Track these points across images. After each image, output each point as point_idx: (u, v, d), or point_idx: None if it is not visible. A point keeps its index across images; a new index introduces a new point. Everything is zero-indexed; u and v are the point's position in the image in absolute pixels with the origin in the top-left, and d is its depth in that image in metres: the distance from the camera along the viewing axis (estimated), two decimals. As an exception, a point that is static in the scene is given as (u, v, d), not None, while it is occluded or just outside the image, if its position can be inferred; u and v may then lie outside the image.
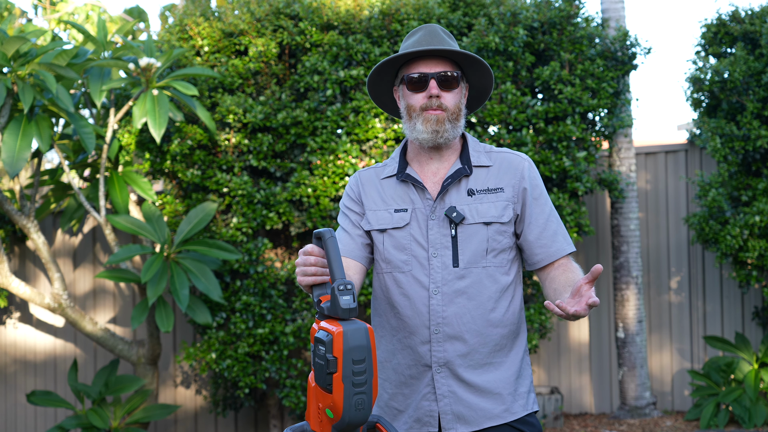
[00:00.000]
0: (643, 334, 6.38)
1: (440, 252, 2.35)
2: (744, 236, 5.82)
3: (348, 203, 2.50)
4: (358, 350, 1.96)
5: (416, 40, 2.40)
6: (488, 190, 2.39)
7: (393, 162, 2.49)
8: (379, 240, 2.41)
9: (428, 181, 2.42)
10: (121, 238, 6.58)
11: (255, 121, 5.57)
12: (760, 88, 5.92)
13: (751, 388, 5.94)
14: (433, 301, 2.34)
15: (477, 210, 2.36)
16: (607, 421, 6.37)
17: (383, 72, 2.46)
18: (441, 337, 2.34)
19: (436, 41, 2.37)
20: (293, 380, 5.64)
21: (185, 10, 6.06)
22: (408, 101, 2.40)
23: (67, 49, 5.28)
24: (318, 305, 2.09)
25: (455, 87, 2.38)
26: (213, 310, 5.70)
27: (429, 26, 2.42)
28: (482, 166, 2.42)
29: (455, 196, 2.38)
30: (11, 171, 5.14)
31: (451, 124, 2.37)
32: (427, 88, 2.36)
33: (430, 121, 2.35)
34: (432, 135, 2.36)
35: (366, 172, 2.51)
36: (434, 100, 2.35)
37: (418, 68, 2.38)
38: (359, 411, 1.96)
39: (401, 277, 2.38)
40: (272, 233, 5.94)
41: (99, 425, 5.66)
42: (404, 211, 2.40)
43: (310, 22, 5.68)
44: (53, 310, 5.70)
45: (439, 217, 2.36)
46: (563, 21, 5.82)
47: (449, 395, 2.35)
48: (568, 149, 5.70)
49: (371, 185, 2.47)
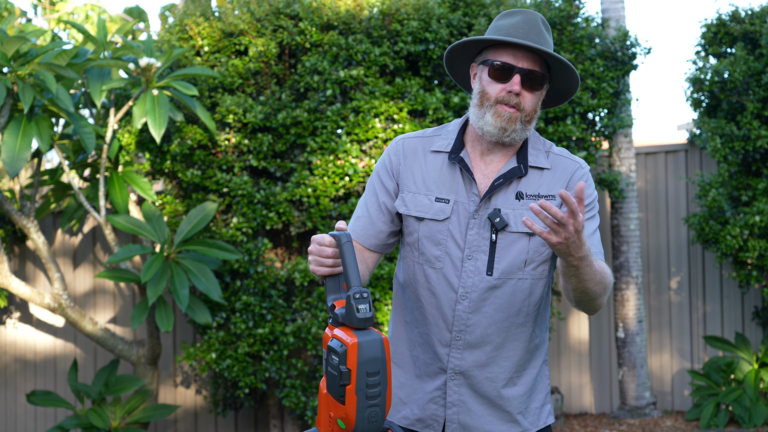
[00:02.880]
0: (643, 334, 6.38)
1: (476, 255, 2.17)
2: (744, 236, 5.82)
3: (382, 175, 2.28)
4: (373, 362, 1.88)
5: (513, 24, 2.17)
6: (539, 197, 2.18)
7: (448, 136, 2.26)
8: (414, 227, 2.23)
9: (479, 171, 2.21)
10: (121, 238, 6.58)
11: (255, 121, 5.57)
12: (760, 88, 5.92)
13: (751, 388, 5.94)
14: (459, 306, 2.19)
15: (522, 218, 2.13)
16: (607, 421, 6.37)
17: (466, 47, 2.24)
18: (461, 344, 2.20)
19: (533, 34, 2.16)
20: (293, 380, 5.64)
21: (185, 10, 6.05)
22: (485, 87, 2.17)
23: (67, 49, 5.28)
24: (332, 311, 2.00)
25: (538, 88, 2.17)
26: (213, 310, 5.70)
27: (530, 13, 2.20)
28: (538, 168, 2.21)
29: (503, 197, 2.18)
30: (11, 171, 5.14)
31: (523, 125, 2.16)
32: (509, 81, 2.14)
33: (502, 117, 2.14)
34: (499, 132, 2.15)
35: (412, 140, 2.28)
36: (513, 97, 2.14)
37: (505, 56, 2.15)
38: (372, 424, 1.90)
39: (431, 272, 2.21)
40: (272, 233, 5.94)
41: (99, 425, 5.66)
42: (446, 203, 2.20)
43: (310, 22, 5.67)
44: (53, 310, 5.69)
45: (482, 217, 2.17)
46: (563, 21, 5.82)
47: (459, 404, 2.23)
48: (568, 149, 5.70)
49: (415, 159, 2.25)
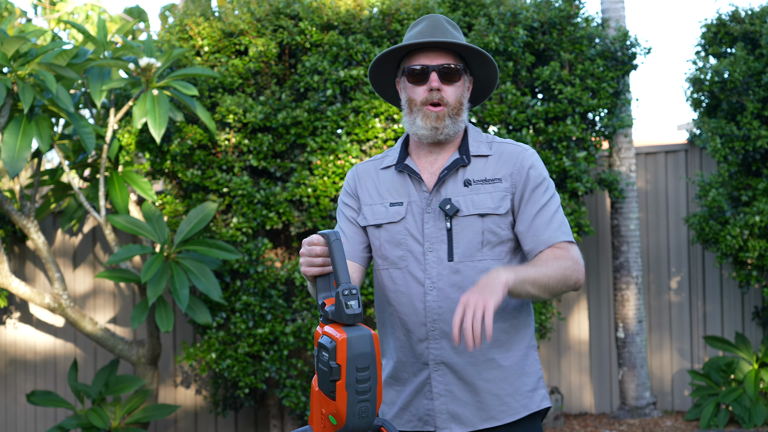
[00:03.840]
0: (643, 334, 6.38)
1: (436, 246, 2.28)
2: (744, 236, 5.82)
3: (345, 198, 2.44)
4: (363, 358, 1.91)
5: (419, 30, 2.32)
6: (485, 181, 2.30)
7: (394, 153, 2.42)
8: (376, 236, 2.35)
9: (425, 172, 2.35)
10: (121, 238, 6.58)
11: (255, 121, 5.57)
12: (760, 88, 5.92)
13: (751, 388, 5.94)
14: (428, 297, 2.28)
15: (472, 201, 2.28)
16: (607, 421, 6.37)
17: (385, 63, 2.40)
18: (438, 334, 2.28)
19: (439, 32, 2.30)
20: (293, 380, 5.64)
21: (185, 10, 6.05)
22: (409, 94, 2.33)
23: (67, 49, 5.28)
24: (322, 308, 2.05)
25: (457, 80, 2.31)
26: (213, 310, 5.70)
27: (433, 17, 2.35)
28: (481, 156, 2.34)
29: (452, 187, 2.30)
30: (11, 171, 5.14)
31: (452, 119, 2.31)
32: (428, 81, 2.29)
33: (430, 118, 2.29)
34: (431, 132, 2.30)
35: (364, 165, 2.45)
36: (435, 94, 2.29)
37: (419, 60, 2.31)
38: (363, 419, 1.92)
39: (397, 273, 2.32)
40: (272, 233, 5.94)
41: (99, 425, 5.66)
42: (399, 205, 2.33)
43: (310, 22, 5.67)
44: (53, 310, 5.69)
45: (435, 209, 2.29)
46: (563, 21, 5.82)
47: (446, 394, 2.28)
48: (568, 149, 5.70)
49: (368, 178, 2.41)
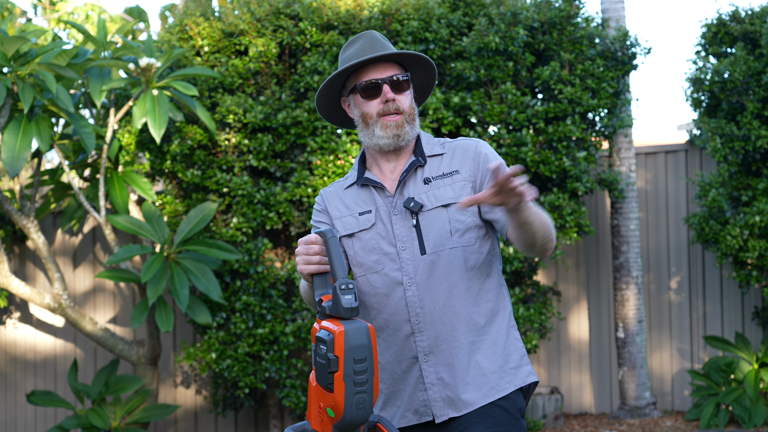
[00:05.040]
0: (643, 334, 6.38)
1: (408, 244, 2.37)
2: (744, 236, 5.82)
3: (317, 217, 2.53)
4: (360, 349, 1.98)
5: (359, 48, 2.41)
6: (444, 175, 2.41)
7: (353, 172, 2.52)
8: (349, 245, 2.44)
9: (387, 180, 2.45)
10: (121, 238, 6.58)
11: (255, 121, 5.57)
12: (760, 88, 5.92)
13: (751, 388, 5.94)
14: (408, 293, 2.36)
15: (434, 195, 2.39)
16: (607, 421, 6.37)
17: (330, 86, 2.47)
18: (422, 326, 2.36)
19: (379, 47, 2.40)
20: (293, 380, 5.64)
21: (185, 10, 6.05)
22: (363, 109, 2.42)
23: (67, 49, 5.28)
24: (319, 304, 2.11)
25: (407, 89, 2.42)
26: (213, 310, 5.70)
27: (367, 33, 2.44)
28: (436, 155, 2.45)
29: (413, 187, 2.41)
30: (11, 171, 5.14)
31: (410, 125, 2.41)
32: (381, 94, 2.39)
33: (390, 127, 2.39)
34: (393, 139, 2.39)
35: (329, 188, 2.56)
36: (391, 105, 2.38)
37: (368, 75, 2.40)
38: (360, 410, 1.97)
39: (375, 277, 2.40)
40: (272, 233, 5.94)
41: (99, 425, 5.66)
42: (368, 213, 2.43)
43: (310, 22, 5.67)
44: (53, 310, 5.70)
45: (401, 210, 2.40)
46: (563, 21, 5.82)
47: (437, 382, 2.36)
48: (568, 149, 5.70)
49: (335, 197, 2.51)
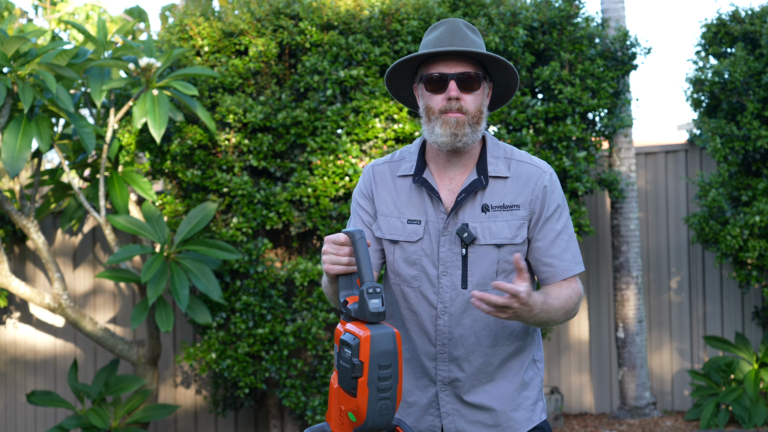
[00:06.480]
0: (643, 334, 6.38)
1: (450, 271, 2.26)
2: (744, 236, 5.82)
3: (360, 200, 2.38)
4: (385, 355, 1.94)
5: (437, 36, 2.25)
6: (503, 207, 2.26)
7: (411, 158, 2.35)
8: (390, 251, 2.32)
9: (444, 189, 2.30)
10: (121, 238, 6.58)
11: (255, 121, 5.57)
12: (760, 89, 5.92)
13: (751, 388, 5.94)
14: (440, 321, 2.27)
15: (489, 230, 2.24)
16: (607, 421, 6.37)
17: (401, 69, 2.33)
18: (446, 357, 2.29)
19: (457, 39, 2.23)
20: (293, 380, 5.64)
21: (185, 10, 6.05)
22: (427, 102, 2.26)
23: (67, 49, 5.28)
24: (344, 306, 2.06)
25: (476, 88, 2.24)
26: (213, 310, 5.70)
27: (451, 21, 2.27)
28: (499, 177, 2.28)
29: (469, 211, 2.26)
30: (11, 171, 5.14)
31: (471, 128, 2.23)
32: (446, 90, 2.23)
33: (449, 124, 2.22)
34: (450, 138, 2.23)
35: (380, 166, 2.37)
36: (454, 103, 2.22)
37: (437, 68, 2.24)
38: (383, 416, 1.94)
39: (410, 291, 2.30)
40: (272, 233, 5.94)
41: (99, 425, 5.66)
42: (417, 224, 2.28)
43: (310, 22, 5.67)
44: (53, 310, 5.69)
45: (451, 233, 2.26)
46: (563, 21, 5.82)
47: (453, 413, 2.31)
48: (568, 149, 5.70)
49: (384, 184, 2.35)
